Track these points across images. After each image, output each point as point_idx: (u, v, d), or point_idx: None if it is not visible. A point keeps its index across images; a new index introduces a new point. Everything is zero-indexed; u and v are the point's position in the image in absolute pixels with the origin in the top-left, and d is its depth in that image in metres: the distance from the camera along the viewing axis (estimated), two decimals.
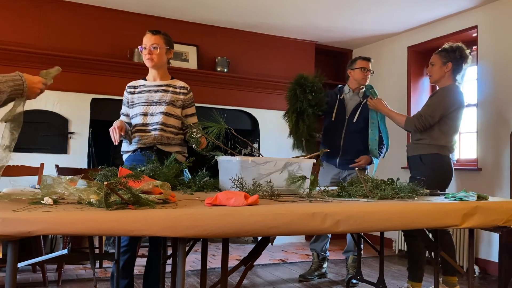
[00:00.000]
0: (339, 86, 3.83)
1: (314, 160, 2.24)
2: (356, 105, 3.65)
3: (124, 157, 2.78)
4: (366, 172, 3.81)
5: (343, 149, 3.61)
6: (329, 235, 3.77)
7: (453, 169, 3.10)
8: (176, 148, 2.74)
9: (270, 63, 5.51)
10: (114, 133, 2.47)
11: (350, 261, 3.72)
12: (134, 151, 2.70)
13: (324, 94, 3.47)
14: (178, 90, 2.77)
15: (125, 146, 2.76)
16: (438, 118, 2.99)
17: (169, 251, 2.74)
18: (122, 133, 2.50)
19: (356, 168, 2.22)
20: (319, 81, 3.27)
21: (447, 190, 3.98)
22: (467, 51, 3.10)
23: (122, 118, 2.78)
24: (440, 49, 3.14)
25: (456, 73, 3.07)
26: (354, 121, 3.60)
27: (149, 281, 2.76)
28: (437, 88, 3.21)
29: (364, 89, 3.71)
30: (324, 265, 3.84)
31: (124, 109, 2.81)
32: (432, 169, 2.98)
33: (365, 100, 3.61)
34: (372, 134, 3.52)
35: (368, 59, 3.72)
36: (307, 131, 3.21)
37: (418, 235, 2.82)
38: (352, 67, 3.74)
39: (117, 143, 2.52)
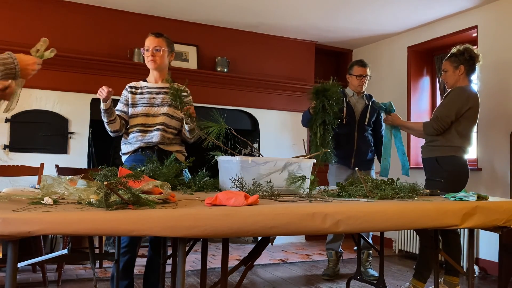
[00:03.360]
0: (341, 89, 3.85)
1: (314, 160, 2.25)
2: (364, 108, 3.75)
3: (124, 158, 2.77)
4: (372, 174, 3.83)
5: (357, 150, 3.71)
6: (343, 234, 3.81)
7: (469, 170, 3.10)
8: (176, 147, 2.76)
9: (270, 63, 5.51)
10: (102, 91, 2.53)
11: (365, 256, 3.81)
12: (134, 151, 2.70)
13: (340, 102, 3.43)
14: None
15: (125, 148, 2.76)
16: (454, 118, 2.99)
17: (169, 251, 2.74)
18: (111, 90, 2.54)
19: (356, 169, 2.22)
20: (338, 88, 3.28)
21: None
22: (475, 50, 3.11)
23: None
24: (449, 54, 3.16)
25: (470, 74, 3.11)
26: (366, 123, 3.72)
27: (149, 281, 2.76)
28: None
29: (365, 92, 3.83)
30: (340, 262, 3.96)
31: (120, 106, 2.78)
32: (449, 171, 2.98)
33: (370, 103, 3.75)
34: (400, 149, 3.45)
35: (364, 65, 3.77)
36: (331, 141, 3.24)
37: (428, 234, 2.81)
38: (350, 72, 3.81)
39: (104, 96, 2.55)
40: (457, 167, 3.03)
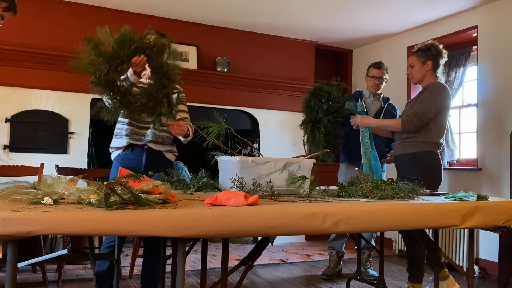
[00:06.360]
0: (358, 90, 3.88)
1: (314, 160, 2.25)
2: (378, 110, 3.73)
3: (114, 155, 2.69)
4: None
5: None
6: (348, 234, 3.81)
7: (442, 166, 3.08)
8: (167, 147, 2.72)
9: (270, 63, 5.51)
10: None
11: (366, 256, 3.81)
12: (124, 149, 2.64)
13: (344, 101, 3.41)
14: None
15: (115, 142, 2.68)
16: (434, 114, 2.97)
17: (169, 251, 2.73)
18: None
19: (356, 168, 2.22)
20: (337, 89, 3.27)
21: (447, 190, 3.97)
22: (441, 46, 3.13)
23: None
24: (414, 50, 3.16)
25: (436, 69, 3.11)
26: None
27: (147, 283, 2.73)
28: (421, 87, 3.18)
29: (382, 94, 3.80)
30: (341, 262, 3.95)
31: None
32: (426, 167, 2.94)
33: (386, 105, 3.73)
34: (374, 153, 3.43)
35: (379, 67, 3.74)
36: (324, 139, 3.23)
37: (418, 235, 2.83)
38: (366, 73, 3.81)
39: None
40: (433, 163, 2.99)
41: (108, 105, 2.34)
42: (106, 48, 2.10)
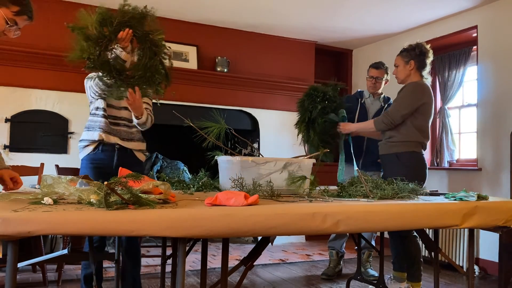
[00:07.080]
0: (359, 90, 3.89)
1: (314, 160, 2.25)
2: (378, 110, 3.72)
3: (83, 153, 2.63)
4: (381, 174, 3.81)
5: (366, 151, 3.67)
6: (347, 234, 3.81)
7: (427, 166, 3.07)
8: (140, 146, 2.68)
9: (270, 63, 5.51)
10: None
11: (366, 256, 3.81)
12: (94, 148, 2.59)
13: (340, 102, 3.40)
14: None
15: (87, 135, 2.63)
16: (406, 113, 2.96)
17: (169, 251, 2.73)
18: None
19: (356, 169, 2.22)
20: (333, 89, 3.26)
21: (447, 190, 3.97)
22: (427, 46, 3.13)
23: None
24: (400, 50, 3.17)
25: (421, 69, 3.10)
26: None
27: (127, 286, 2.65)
28: None
29: (383, 94, 3.79)
30: (341, 262, 3.94)
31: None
32: (409, 168, 2.93)
33: (386, 105, 3.70)
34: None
35: (377, 67, 3.74)
36: (319, 139, 3.22)
37: (413, 235, 2.84)
38: (367, 74, 3.79)
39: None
40: (417, 163, 2.99)
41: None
42: (91, 30, 2.08)
